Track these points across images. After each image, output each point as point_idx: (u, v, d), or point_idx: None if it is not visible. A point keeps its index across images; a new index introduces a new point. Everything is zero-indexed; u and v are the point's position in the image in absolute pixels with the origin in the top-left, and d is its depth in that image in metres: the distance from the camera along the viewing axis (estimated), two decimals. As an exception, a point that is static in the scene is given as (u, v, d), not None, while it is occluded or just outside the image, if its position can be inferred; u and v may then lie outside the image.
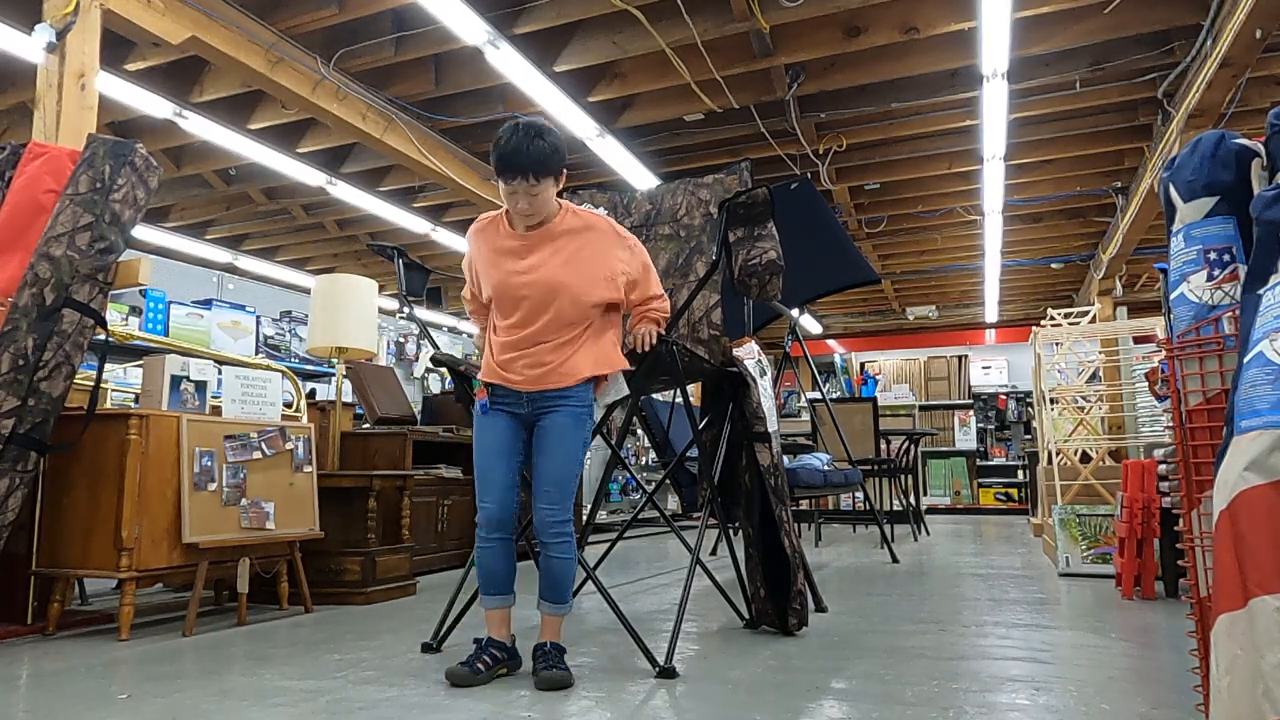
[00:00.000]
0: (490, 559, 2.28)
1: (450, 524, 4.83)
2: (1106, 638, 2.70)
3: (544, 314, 2.24)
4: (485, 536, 2.27)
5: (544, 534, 2.23)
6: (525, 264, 2.25)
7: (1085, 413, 5.77)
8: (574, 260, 2.24)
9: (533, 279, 2.23)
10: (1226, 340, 1.52)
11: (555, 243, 2.26)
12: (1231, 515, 1.26)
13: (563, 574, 2.25)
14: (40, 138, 3.28)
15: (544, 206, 2.21)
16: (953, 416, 11.43)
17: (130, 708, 1.96)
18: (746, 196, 2.56)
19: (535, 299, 2.23)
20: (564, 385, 2.25)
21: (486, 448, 2.28)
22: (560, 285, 2.22)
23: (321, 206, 7.75)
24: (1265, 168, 1.54)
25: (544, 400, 2.26)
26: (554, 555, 2.24)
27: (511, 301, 2.26)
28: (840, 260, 4.79)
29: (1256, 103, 5.38)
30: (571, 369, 2.25)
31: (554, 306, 2.23)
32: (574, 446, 2.25)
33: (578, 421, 2.26)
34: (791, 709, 1.91)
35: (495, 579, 2.29)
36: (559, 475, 2.23)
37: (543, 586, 2.28)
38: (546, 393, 2.26)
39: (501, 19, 4.60)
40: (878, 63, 5.12)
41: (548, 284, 2.22)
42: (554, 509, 2.22)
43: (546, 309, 2.23)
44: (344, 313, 3.87)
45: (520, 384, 2.26)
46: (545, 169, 2.15)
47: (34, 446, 2.74)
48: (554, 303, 2.23)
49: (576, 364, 2.26)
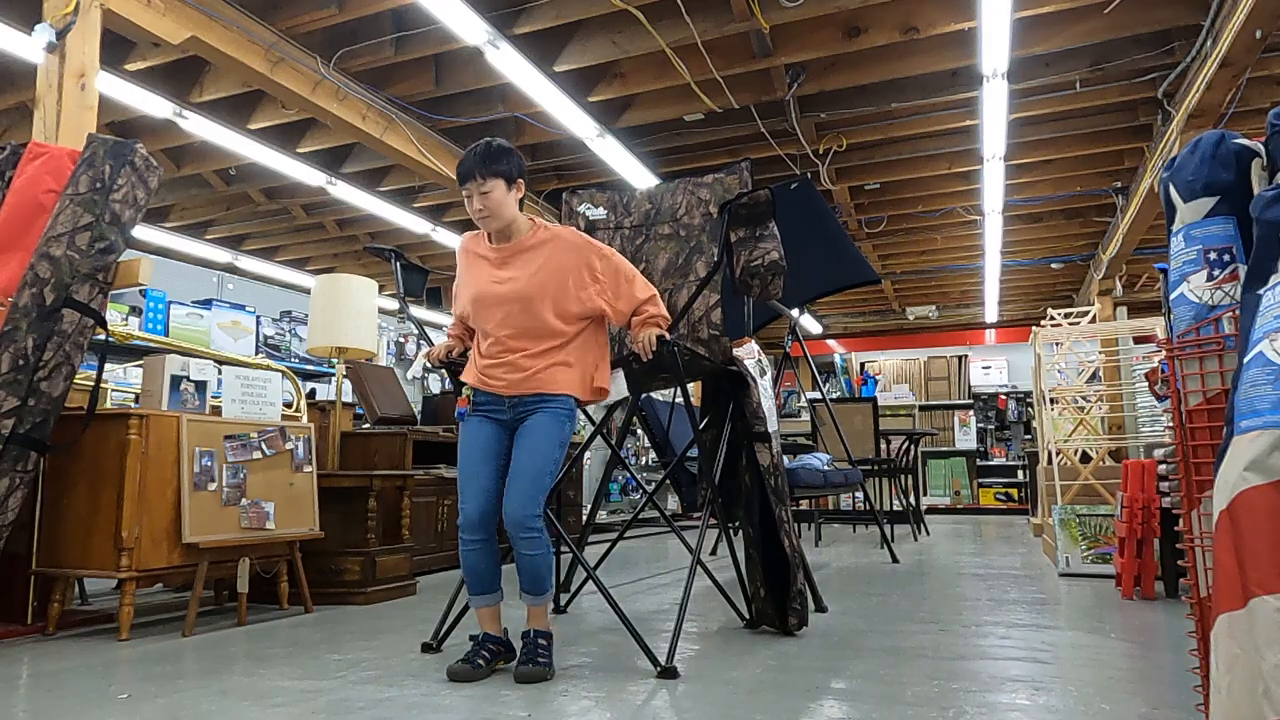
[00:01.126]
0: (475, 560, 2.32)
1: (450, 524, 4.83)
2: (1106, 638, 2.70)
3: (519, 323, 2.33)
4: (468, 539, 2.31)
5: (514, 533, 2.25)
6: (501, 274, 2.38)
7: (1085, 413, 5.77)
8: (543, 271, 2.35)
9: (506, 290, 2.34)
10: (1226, 340, 1.52)
11: (526, 255, 2.38)
12: (1231, 515, 1.26)
13: (538, 568, 2.30)
14: (40, 138, 3.28)
15: (498, 208, 2.33)
16: (953, 416, 11.43)
17: (130, 708, 1.96)
18: (748, 198, 2.56)
19: (510, 309, 2.34)
20: (545, 391, 2.32)
21: (469, 452, 2.34)
22: (530, 297, 2.32)
23: (321, 206, 7.75)
24: (1265, 168, 1.54)
25: (525, 404, 2.33)
26: (525, 553, 2.27)
27: (488, 311, 2.36)
28: (840, 260, 4.79)
29: (1256, 103, 5.38)
30: (553, 379, 2.33)
31: (528, 316, 2.32)
32: (550, 444, 2.29)
33: (557, 421, 2.31)
34: (791, 709, 1.91)
35: (481, 579, 2.34)
36: (531, 469, 2.25)
37: (521, 580, 2.32)
38: (528, 397, 2.32)
39: (501, 19, 4.60)
40: (878, 63, 5.12)
41: (520, 295, 2.33)
42: (523, 503, 2.23)
43: (521, 318, 2.33)
44: (344, 313, 3.87)
45: (502, 389, 2.34)
46: (492, 170, 2.31)
47: (34, 446, 2.73)
48: (527, 312, 2.32)
49: (558, 377, 2.33)
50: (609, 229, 3.20)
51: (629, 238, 3.16)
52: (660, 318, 2.44)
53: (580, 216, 3.25)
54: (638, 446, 9.64)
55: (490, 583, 2.35)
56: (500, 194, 2.33)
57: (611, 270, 2.41)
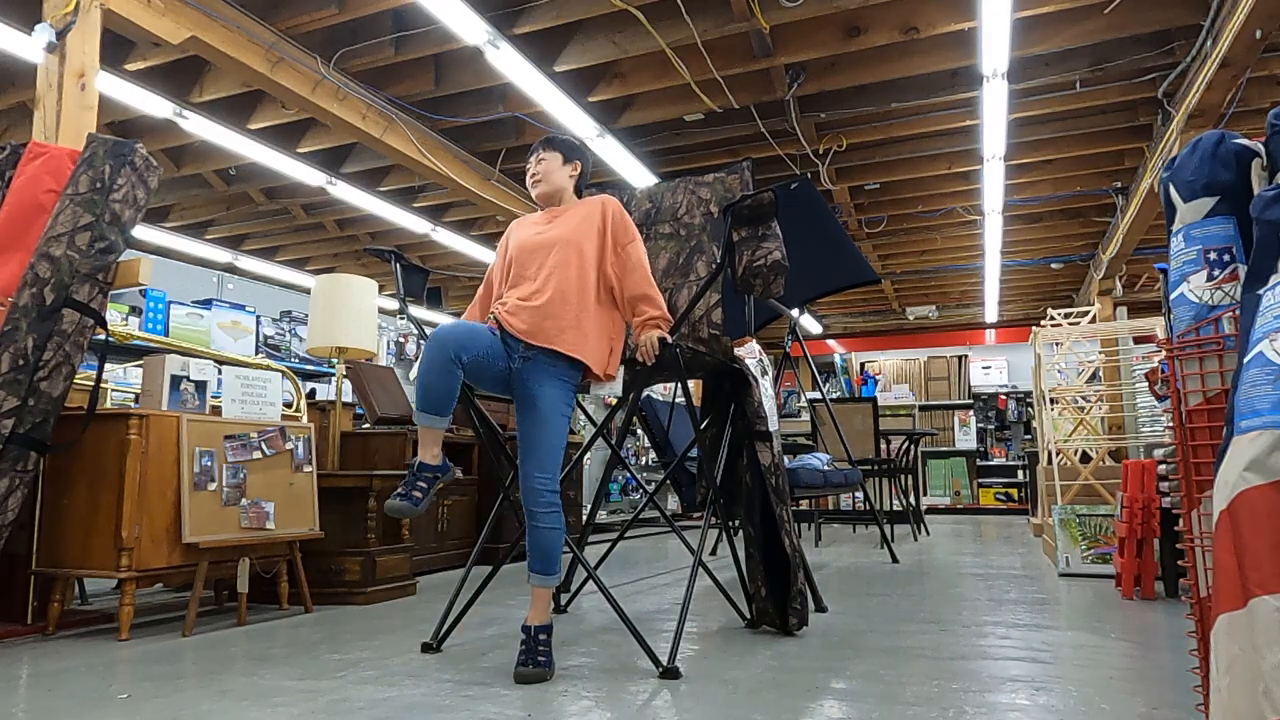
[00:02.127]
0: (439, 376, 2.24)
1: (450, 524, 4.83)
2: (1106, 638, 2.70)
3: (558, 271, 2.39)
4: (441, 358, 2.23)
5: (534, 503, 2.27)
6: (545, 227, 2.51)
7: (1085, 413, 5.77)
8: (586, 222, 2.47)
9: (550, 235, 2.46)
10: (1226, 340, 1.52)
11: (572, 212, 2.52)
12: (1231, 515, 1.26)
13: (552, 544, 2.29)
14: (40, 138, 3.28)
15: (549, 174, 2.54)
16: (953, 416, 11.43)
17: (130, 708, 1.96)
18: (752, 199, 2.56)
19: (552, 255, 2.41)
20: (560, 348, 2.33)
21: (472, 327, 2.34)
22: (575, 241, 2.42)
23: (321, 206, 7.75)
24: (1265, 168, 1.54)
25: (536, 358, 2.34)
26: (542, 525, 2.28)
27: (530, 255, 2.45)
28: (840, 260, 4.79)
29: (1256, 103, 5.38)
30: (572, 340, 2.35)
31: (567, 264, 2.39)
32: (564, 419, 2.34)
33: (566, 395, 2.37)
34: (791, 709, 1.91)
35: (437, 396, 2.25)
36: (551, 444, 2.29)
37: (531, 559, 2.31)
38: (542, 350, 2.34)
39: (501, 19, 4.60)
40: (878, 63, 5.12)
41: (564, 239, 2.43)
42: (545, 477, 2.28)
43: (560, 266, 2.39)
44: (344, 313, 3.87)
45: (522, 331, 2.35)
46: (554, 144, 2.58)
47: (34, 446, 2.73)
48: (567, 259, 2.40)
49: (577, 340, 2.35)
50: (609, 229, 3.19)
51: (629, 238, 3.15)
52: (661, 319, 2.45)
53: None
54: (638, 446, 9.64)
55: (444, 404, 2.26)
56: (555, 164, 2.55)
57: (636, 253, 2.49)
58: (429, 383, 2.26)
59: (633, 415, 3.82)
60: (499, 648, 2.61)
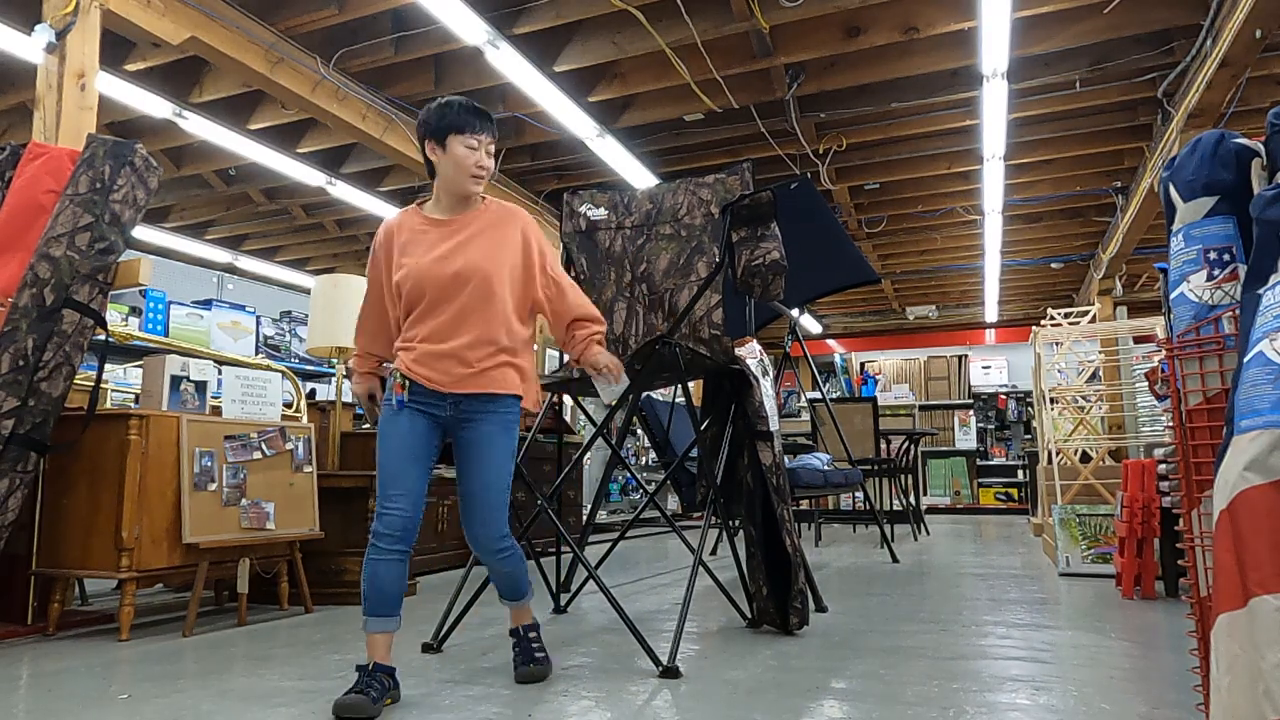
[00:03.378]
0: (386, 573, 1.99)
1: (450, 524, 4.83)
2: (1106, 638, 2.70)
3: (471, 306, 2.05)
4: (385, 548, 1.99)
5: (487, 554, 2.13)
6: (446, 248, 2.08)
7: (1085, 412, 5.77)
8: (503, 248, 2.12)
9: (460, 266, 2.05)
10: (1226, 340, 1.52)
11: (481, 227, 2.13)
12: (1231, 515, 1.26)
13: (516, 575, 2.22)
14: (40, 138, 3.28)
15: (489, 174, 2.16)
16: (953, 416, 11.43)
17: (130, 708, 1.96)
18: (750, 198, 2.56)
19: (464, 290, 2.05)
20: (494, 390, 2.07)
21: (397, 449, 2.03)
22: (489, 274, 2.06)
23: (321, 206, 7.75)
24: (1265, 167, 1.54)
25: (470, 405, 2.07)
26: (503, 569, 2.18)
27: (435, 289, 2.05)
28: (840, 260, 4.79)
29: (1256, 103, 5.38)
30: (503, 377, 2.08)
31: (482, 297, 2.05)
32: (505, 458, 2.09)
33: (506, 430, 2.09)
34: (792, 709, 1.91)
35: (386, 598, 2.00)
36: (494, 489, 2.07)
37: (500, 590, 2.26)
38: (474, 396, 2.06)
39: (501, 19, 4.60)
40: (878, 63, 5.12)
41: (477, 269, 2.05)
42: (495, 525, 2.09)
43: (474, 299, 2.05)
44: (344, 313, 3.87)
45: (444, 384, 2.04)
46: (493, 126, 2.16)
47: (34, 447, 2.74)
48: (482, 292, 2.05)
49: (509, 376, 2.09)
50: (610, 229, 3.20)
51: (630, 238, 3.16)
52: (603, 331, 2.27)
53: (581, 216, 3.25)
54: (638, 446, 9.64)
55: (395, 603, 2.01)
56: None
57: (562, 272, 2.25)
58: (383, 580, 1.99)
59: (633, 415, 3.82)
60: (499, 648, 2.61)
